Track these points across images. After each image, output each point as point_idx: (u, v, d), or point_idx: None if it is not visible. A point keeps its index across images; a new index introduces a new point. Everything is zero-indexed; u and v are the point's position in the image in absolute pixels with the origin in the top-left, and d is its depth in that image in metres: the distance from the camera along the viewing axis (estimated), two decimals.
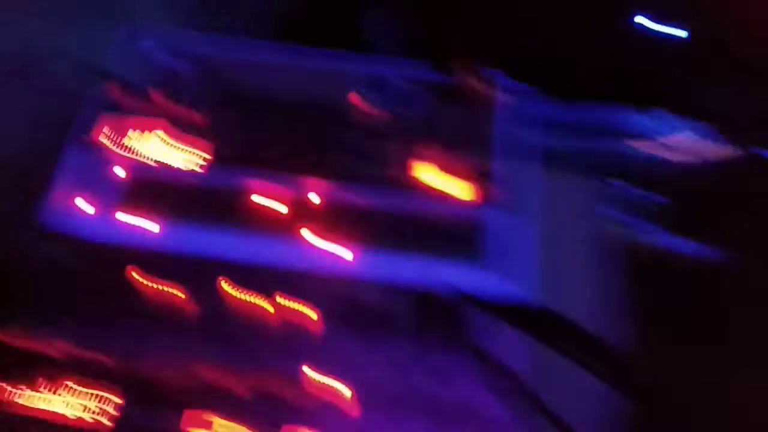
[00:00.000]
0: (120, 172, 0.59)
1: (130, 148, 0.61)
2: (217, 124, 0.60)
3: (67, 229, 0.58)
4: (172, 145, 0.60)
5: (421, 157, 0.61)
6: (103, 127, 0.64)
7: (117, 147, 0.61)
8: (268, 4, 1.32)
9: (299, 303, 0.55)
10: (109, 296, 0.56)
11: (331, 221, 0.56)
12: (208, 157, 0.58)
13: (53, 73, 0.93)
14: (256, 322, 0.58)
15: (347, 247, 0.55)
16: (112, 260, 0.59)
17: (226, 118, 0.61)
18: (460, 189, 0.59)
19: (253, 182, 0.56)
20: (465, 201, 0.58)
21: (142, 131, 0.63)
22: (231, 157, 0.58)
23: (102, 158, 0.59)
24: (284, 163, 0.58)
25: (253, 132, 0.60)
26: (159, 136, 0.62)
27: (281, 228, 0.56)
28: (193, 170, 0.58)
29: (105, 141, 0.63)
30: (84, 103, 0.68)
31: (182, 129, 0.59)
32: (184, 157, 0.58)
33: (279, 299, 0.55)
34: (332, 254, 0.56)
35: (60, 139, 0.69)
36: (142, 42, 0.68)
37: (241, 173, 0.57)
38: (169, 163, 0.57)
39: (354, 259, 0.55)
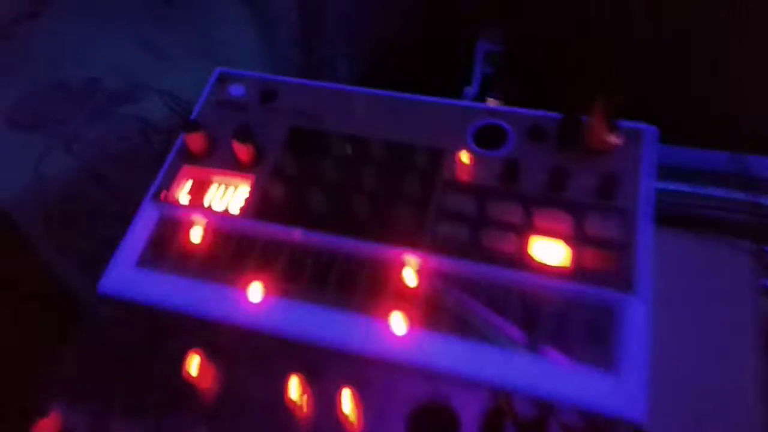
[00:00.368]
0: (197, 233, 0.52)
1: (209, 207, 0.54)
2: (301, 180, 0.52)
3: (130, 297, 0.51)
4: (254, 202, 0.52)
5: (541, 228, 0.48)
6: (183, 181, 0.58)
7: (196, 204, 0.54)
8: (367, 46, 1.26)
9: (365, 399, 0.44)
10: (166, 383, 0.48)
11: (425, 304, 0.44)
12: (288, 218, 0.50)
13: (147, 109, 0.90)
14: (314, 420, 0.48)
15: (435, 335, 0.44)
16: (173, 335, 0.51)
17: (311, 173, 0.52)
18: (585, 268, 0.45)
19: (335, 250, 0.47)
20: (589, 283, 0.45)
21: (226, 186, 0.57)
22: (313, 219, 0.49)
23: (179, 216, 0.53)
24: (373, 229, 0.47)
25: (340, 191, 0.50)
26: (242, 192, 0.55)
27: (364, 307, 0.46)
28: (270, 232, 0.50)
29: (183, 197, 0.57)
30: (167, 154, 0.63)
31: (265, 183, 0.52)
32: (261, 215, 0.50)
33: (346, 391, 0.44)
34: (415, 342, 0.44)
35: (136, 181, 0.64)
36: (231, 87, 0.62)
37: (323, 238, 0.47)
38: (246, 223, 0.50)
39: (440, 350, 0.44)
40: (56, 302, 0.82)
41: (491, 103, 0.69)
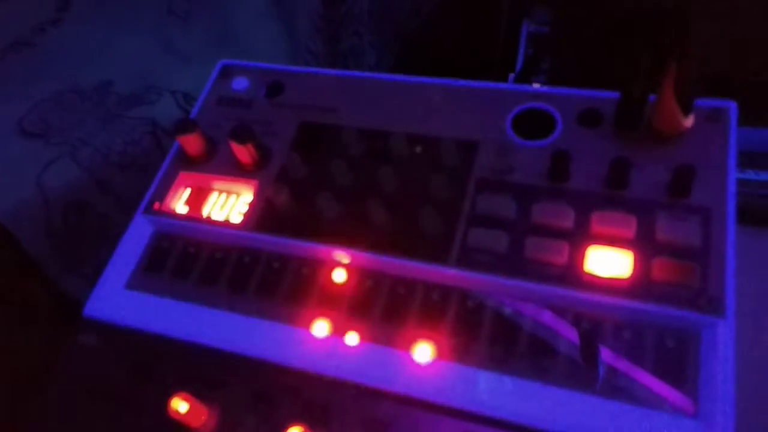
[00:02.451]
0: (195, 248, 0.46)
1: (209, 218, 0.48)
2: (310, 184, 0.45)
3: (119, 322, 0.46)
4: (256, 211, 0.45)
5: (600, 234, 0.40)
6: (180, 190, 0.52)
7: (194, 215, 0.48)
8: (398, 34, 1.16)
9: None
10: (151, 424, 0.43)
11: (463, 332, 0.37)
12: (295, 229, 0.43)
13: (159, 111, 0.85)
14: None
15: (469, 368, 0.37)
16: (162, 368, 0.45)
17: (322, 176, 0.45)
18: (656, 282, 0.37)
19: (349, 266, 0.40)
20: (663, 303, 0.36)
21: (228, 194, 0.50)
22: (327, 229, 0.42)
23: (174, 230, 0.47)
24: (396, 241, 0.40)
25: (354, 196, 0.43)
26: (244, 201, 0.48)
27: (385, 335, 0.39)
28: (276, 246, 0.43)
29: (180, 207, 0.51)
30: (165, 159, 0.57)
31: (269, 190, 0.45)
32: (265, 227, 0.43)
33: None
34: (444, 376, 0.37)
35: (145, 189, 0.58)
36: (234, 81, 0.56)
37: (338, 250, 0.41)
38: (247, 236, 0.43)
39: (473, 386, 0.37)
40: (63, 321, 0.75)
41: (548, 88, 0.58)
